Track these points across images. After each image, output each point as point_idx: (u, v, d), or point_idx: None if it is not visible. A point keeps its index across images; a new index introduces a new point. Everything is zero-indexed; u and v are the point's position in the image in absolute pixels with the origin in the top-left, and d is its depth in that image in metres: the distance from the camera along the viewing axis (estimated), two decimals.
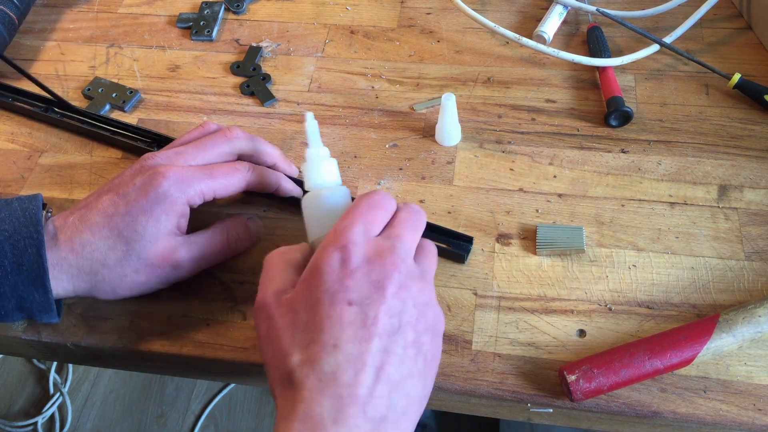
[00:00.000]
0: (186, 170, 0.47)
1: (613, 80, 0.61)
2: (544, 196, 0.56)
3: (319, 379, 0.35)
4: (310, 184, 0.47)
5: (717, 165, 0.57)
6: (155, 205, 0.46)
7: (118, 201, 0.46)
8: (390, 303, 0.38)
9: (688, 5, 0.66)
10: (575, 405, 0.46)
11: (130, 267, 0.46)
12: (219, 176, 0.48)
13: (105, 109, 0.64)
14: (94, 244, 0.45)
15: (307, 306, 0.38)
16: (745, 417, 0.45)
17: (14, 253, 0.43)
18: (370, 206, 0.42)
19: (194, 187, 0.47)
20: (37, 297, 0.44)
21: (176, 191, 0.46)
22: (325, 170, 0.47)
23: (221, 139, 0.51)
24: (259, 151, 0.53)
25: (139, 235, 0.45)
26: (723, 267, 0.51)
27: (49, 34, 0.72)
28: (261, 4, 0.74)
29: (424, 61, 0.67)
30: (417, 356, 0.38)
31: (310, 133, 0.47)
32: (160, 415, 1.39)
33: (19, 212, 0.45)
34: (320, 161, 0.47)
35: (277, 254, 0.43)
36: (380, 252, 0.39)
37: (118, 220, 0.45)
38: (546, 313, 0.50)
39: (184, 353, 0.50)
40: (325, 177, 0.47)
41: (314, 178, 0.47)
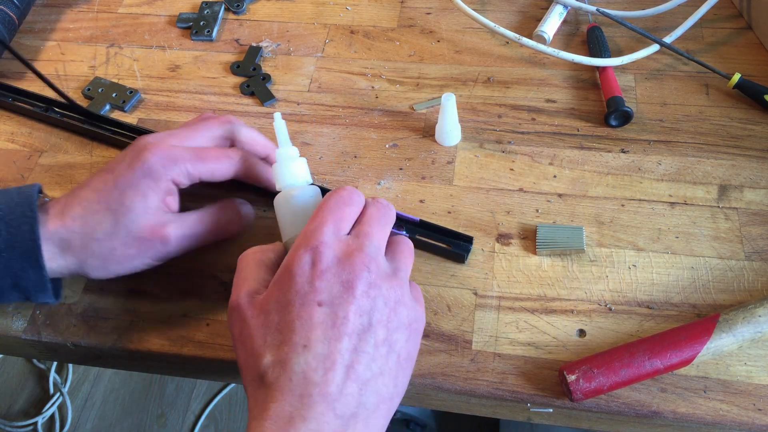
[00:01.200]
0: (173, 148, 0.48)
1: (613, 80, 0.61)
2: (544, 196, 0.56)
3: (289, 378, 0.36)
4: (281, 184, 0.47)
5: (717, 165, 0.57)
6: (141, 180, 0.46)
7: (107, 176, 0.47)
8: (359, 302, 0.38)
9: (688, 5, 0.66)
10: (575, 405, 0.46)
11: (119, 240, 0.46)
12: (208, 159, 0.48)
13: (105, 109, 0.64)
14: (84, 218, 0.46)
15: (278, 307, 0.38)
16: (745, 417, 0.45)
17: (8, 231, 0.44)
18: (339, 203, 0.42)
19: (180, 166, 0.47)
20: (32, 275, 0.45)
21: (161, 167, 0.46)
22: (295, 170, 0.47)
23: (214, 123, 0.51)
24: (253, 141, 0.53)
25: (127, 209, 0.46)
26: (723, 267, 0.51)
27: (49, 34, 0.72)
28: (261, 4, 0.74)
29: (424, 61, 0.67)
30: (389, 354, 0.39)
31: (279, 133, 0.48)
32: (160, 415, 1.39)
33: (14, 194, 0.46)
34: (290, 161, 0.47)
35: (251, 254, 0.43)
36: (349, 252, 0.40)
37: (106, 194, 0.46)
38: (546, 313, 0.50)
39: (184, 353, 0.50)
40: (295, 176, 0.47)
41: (285, 178, 0.47)
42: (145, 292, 0.53)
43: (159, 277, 0.53)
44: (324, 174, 0.59)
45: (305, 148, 0.61)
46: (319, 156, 0.60)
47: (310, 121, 0.63)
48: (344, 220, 0.42)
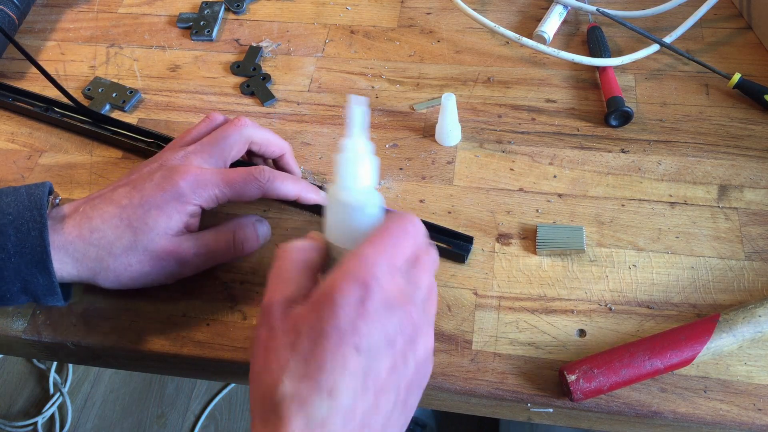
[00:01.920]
0: (203, 173, 0.48)
1: (613, 80, 0.61)
2: (544, 196, 0.56)
3: (306, 423, 0.34)
4: (342, 181, 0.41)
5: (717, 165, 0.57)
6: (169, 202, 0.46)
7: (133, 193, 0.47)
8: (396, 361, 0.36)
9: (688, 5, 0.66)
10: (575, 405, 0.46)
11: (136, 257, 0.46)
12: (236, 183, 0.48)
13: (105, 109, 0.64)
14: (103, 231, 0.46)
15: (312, 333, 0.35)
16: (745, 417, 0.45)
17: (17, 237, 0.44)
18: (401, 234, 0.39)
19: (210, 191, 0.47)
20: (41, 280, 0.45)
21: (192, 192, 0.47)
22: (363, 170, 0.41)
23: (231, 129, 0.51)
24: (269, 141, 0.53)
25: (149, 228, 0.46)
26: (723, 267, 0.51)
27: (49, 34, 0.72)
28: (261, 4, 0.74)
29: (424, 61, 0.67)
30: (401, 414, 0.37)
31: (353, 120, 0.41)
32: (160, 415, 1.39)
33: (24, 197, 0.46)
34: (359, 157, 0.40)
35: (294, 252, 0.40)
36: (400, 299, 0.37)
37: (130, 211, 0.46)
38: (546, 313, 0.50)
39: (184, 353, 0.50)
40: (360, 178, 0.41)
41: (347, 177, 0.40)
42: (145, 292, 0.53)
43: None
44: (324, 174, 0.59)
45: (305, 148, 0.61)
46: (319, 156, 0.60)
47: (310, 121, 0.63)
48: (401, 255, 0.38)
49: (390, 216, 0.40)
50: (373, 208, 0.40)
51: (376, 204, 0.41)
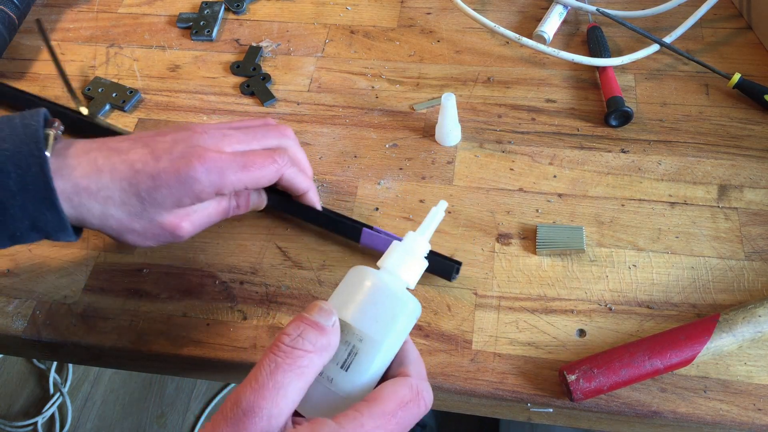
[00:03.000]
0: (222, 159, 0.46)
1: (613, 80, 0.61)
2: (544, 196, 0.56)
3: None
4: (390, 265, 0.39)
5: (717, 165, 0.57)
6: (182, 186, 0.45)
7: (149, 160, 0.45)
8: None
9: (688, 5, 0.66)
10: (575, 405, 0.46)
11: (138, 224, 0.46)
12: (254, 168, 0.47)
13: (105, 109, 0.64)
14: (111, 190, 0.45)
15: None
16: (745, 417, 0.45)
17: (18, 173, 0.42)
18: (408, 414, 0.35)
19: (226, 179, 0.46)
20: (49, 216, 0.43)
21: (207, 180, 0.45)
22: (415, 269, 0.39)
23: (274, 133, 0.50)
24: (300, 163, 0.52)
25: (157, 203, 0.45)
26: (723, 267, 0.51)
27: (49, 33, 0.72)
28: (261, 4, 0.74)
29: (424, 61, 0.67)
30: None
31: (429, 222, 0.40)
32: (160, 415, 1.39)
33: (20, 128, 0.44)
34: (417, 257, 0.39)
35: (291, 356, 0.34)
36: None
37: (141, 179, 0.45)
38: (546, 312, 0.50)
39: (184, 353, 0.50)
40: (409, 275, 0.39)
41: (398, 265, 0.38)
42: (145, 292, 0.53)
43: (159, 277, 0.54)
44: (324, 174, 0.59)
45: (305, 148, 0.61)
46: (319, 156, 0.60)
47: (310, 121, 0.63)
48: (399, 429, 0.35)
49: (406, 378, 0.36)
50: (417, 309, 0.38)
51: (419, 308, 0.38)
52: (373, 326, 0.36)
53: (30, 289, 0.54)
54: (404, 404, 0.35)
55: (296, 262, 0.54)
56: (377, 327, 0.36)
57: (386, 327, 0.36)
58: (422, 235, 0.39)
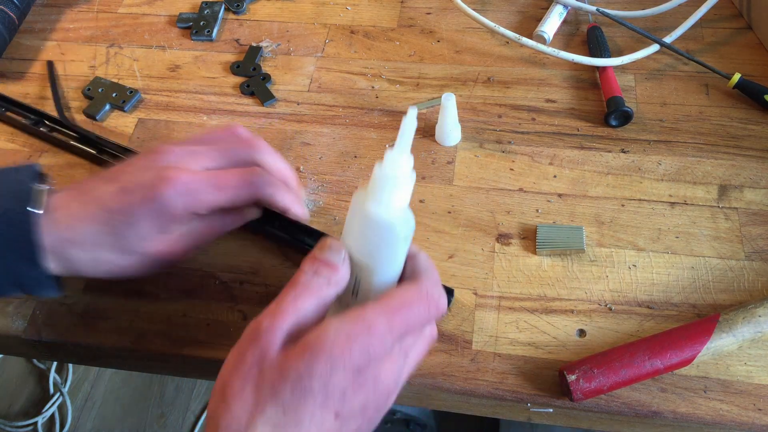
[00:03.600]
0: (194, 179, 0.45)
1: (613, 80, 0.61)
2: (544, 196, 0.56)
3: None
4: (377, 196, 0.38)
5: (717, 165, 0.57)
6: (156, 214, 0.44)
7: (120, 197, 0.45)
8: (361, 425, 0.37)
9: (688, 5, 0.66)
10: (575, 405, 0.46)
11: (130, 260, 0.45)
12: (228, 188, 0.46)
13: (105, 109, 0.64)
14: (93, 236, 0.44)
15: (298, 385, 0.34)
16: (745, 417, 0.45)
17: (7, 230, 0.43)
18: (415, 310, 0.37)
19: (199, 199, 0.45)
20: (33, 274, 0.44)
21: (178, 202, 0.44)
22: (402, 188, 0.38)
23: (244, 147, 0.48)
24: (277, 170, 0.49)
25: (140, 236, 0.44)
26: (723, 267, 0.51)
27: (49, 34, 0.72)
28: (261, 4, 0.74)
29: (424, 61, 0.67)
30: None
31: (407, 132, 0.38)
32: (160, 415, 1.39)
33: (13, 183, 0.44)
34: (400, 174, 0.38)
35: (314, 281, 0.37)
36: (392, 377, 0.37)
37: (115, 217, 0.44)
38: (546, 313, 0.50)
39: (184, 353, 0.50)
40: (397, 197, 0.38)
41: (384, 192, 0.38)
42: (145, 292, 0.53)
43: (159, 277, 0.53)
44: (324, 174, 0.59)
45: (305, 148, 0.61)
46: (319, 156, 0.60)
47: (310, 121, 0.63)
48: (407, 329, 0.37)
49: (416, 282, 0.38)
50: (405, 230, 0.38)
51: (409, 227, 0.39)
52: (368, 255, 0.38)
53: None
54: (409, 303, 0.37)
55: (296, 263, 0.54)
56: (372, 256, 0.39)
57: (379, 254, 0.39)
58: (401, 153, 0.38)
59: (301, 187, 0.52)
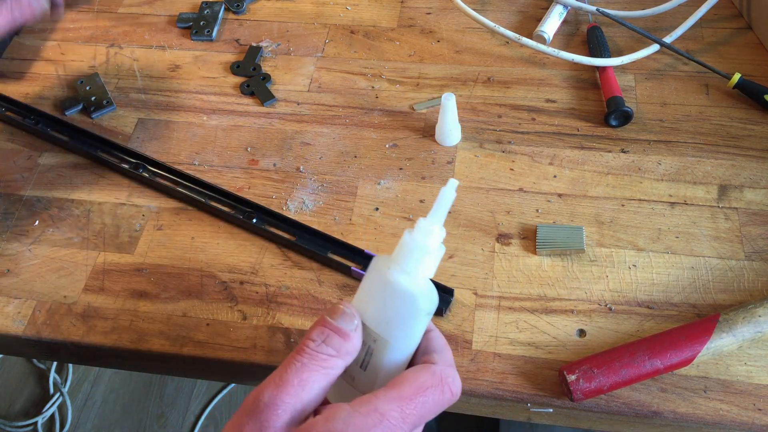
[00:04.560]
0: None
1: (613, 80, 0.61)
2: (544, 196, 0.56)
3: None
4: (402, 263, 0.36)
5: (717, 165, 0.57)
6: None
7: None
8: None
9: (688, 5, 0.66)
10: (575, 405, 0.46)
11: None
12: None
13: (77, 108, 0.64)
14: None
15: None
16: (745, 417, 0.45)
17: None
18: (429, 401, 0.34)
19: None
20: None
21: None
22: (429, 259, 0.36)
23: None
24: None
25: None
26: (723, 267, 0.51)
27: (49, 34, 0.72)
28: (261, 4, 0.74)
29: (424, 61, 0.67)
30: None
31: (440, 204, 0.36)
32: (160, 415, 1.39)
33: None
34: (430, 245, 0.36)
35: (323, 350, 0.34)
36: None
37: None
38: (546, 313, 0.50)
39: (184, 353, 0.50)
40: (423, 267, 0.36)
41: (410, 261, 0.36)
42: (145, 292, 0.53)
43: (159, 277, 0.54)
44: (324, 174, 0.59)
45: (305, 148, 0.61)
46: (319, 156, 0.60)
47: (310, 121, 0.63)
48: (418, 421, 0.34)
49: (429, 365, 0.36)
50: (428, 305, 0.36)
51: (433, 302, 0.36)
52: (385, 327, 0.36)
53: (30, 289, 0.54)
54: (424, 389, 0.34)
55: (296, 262, 0.54)
56: (389, 328, 0.36)
57: (397, 327, 0.36)
58: (434, 223, 0.36)
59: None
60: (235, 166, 0.60)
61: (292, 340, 0.50)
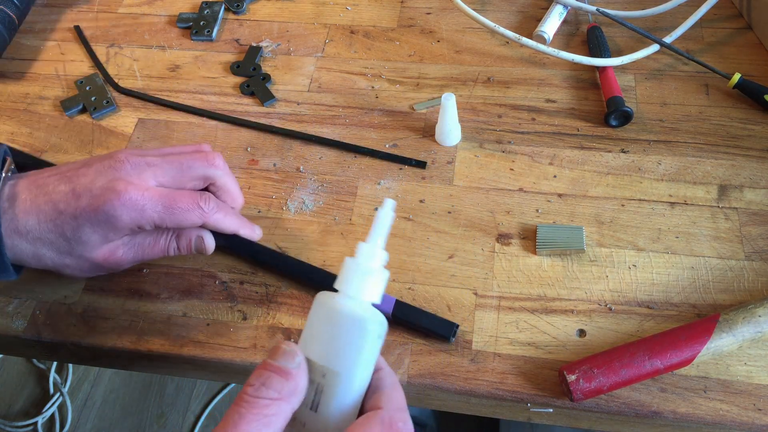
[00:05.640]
0: (144, 195, 0.45)
1: (613, 80, 0.61)
2: (544, 196, 0.56)
3: None
4: (343, 285, 0.36)
5: (717, 165, 0.57)
6: (102, 223, 0.45)
7: (70, 199, 0.45)
8: None
9: (688, 5, 0.66)
10: (575, 405, 0.46)
11: (70, 261, 0.47)
12: (177, 210, 0.46)
13: (77, 108, 0.64)
14: (39, 232, 0.45)
15: None
16: (745, 417, 0.45)
17: None
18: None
19: (147, 216, 0.45)
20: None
21: (126, 216, 0.45)
22: (373, 283, 0.36)
23: (201, 162, 0.48)
24: (227, 193, 0.50)
25: (83, 241, 0.46)
26: (723, 267, 0.51)
27: (49, 34, 0.72)
28: (261, 4, 0.74)
29: (424, 61, 0.67)
30: None
31: (377, 226, 0.36)
32: (160, 415, 1.39)
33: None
34: (372, 268, 0.36)
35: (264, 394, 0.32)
36: None
37: (64, 220, 0.45)
38: (546, 313, 0.50)
39: (184, 353, 0.50)
40: (367, 292, 0.35)
41: (352, 286, 0.35)
42: (145, 292, 0.53)
43: (159, 277, 0.54)
44: (324, 174, 0.59)
45: (305, 148, 0.61)
46: (319, 156, 0.60)
47: (310, 121, 0.63)
48: None
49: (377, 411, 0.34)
50: (378, 329, 0.35)
51: (382, 326, 0.35)
52: (334, 359, 0.34)
53: (30, 289, 0.54)
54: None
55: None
56: (338, 359, 0.34)
57: (346, 355, 0.34)
58: (375, 245, 0.36)
59: (252, 225, 0.52)
60: (235, 166, 0.60)
61: (292, 340, 0.50)
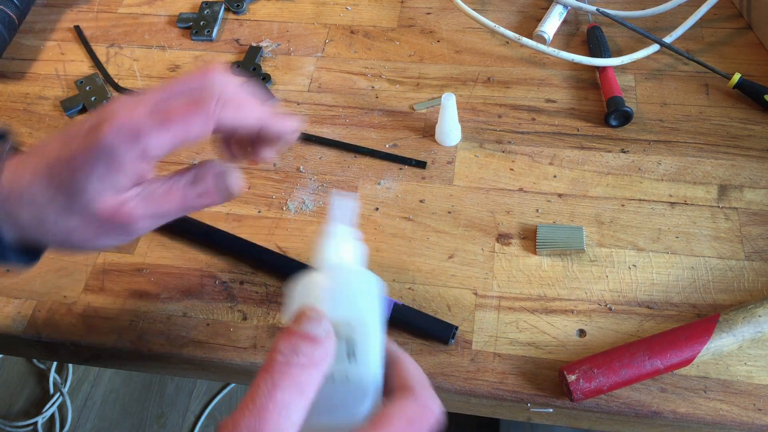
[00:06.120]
0: (133, 118, 0.37)
1: (613, 80, 0.61)
2: (544, 196, 0.56)
3: None
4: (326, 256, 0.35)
5: (717, 165, 0.57)
6: (98, 160, 0.37)
7: (62, 146, 0.38)
8: None
9: (688, 5, 0.66)
10: (575, 405, 0.46)
11: (75, 221, 0.39)
12: (176, 118, 0.37)
13: (77, 108, 0.64)
14: (33, 191, 0.38)
15: None
16: (745, 417, 0.45)
17: None
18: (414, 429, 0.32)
19: (144, 138, 0.37)
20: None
21: (121, 145, 0.37)
22: (347, 248, 0.36)
23: (196, 74, 0.39)
24: (239, 105, 0.39)
25: (82, 189, 0.38)
26: (723, 267, 0.51)
27: (49, 34, 0.72)
28: (261, 4, 0.74)
29: (424, 61, 0.67)
30: None
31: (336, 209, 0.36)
32: (160, 415, 1.39)
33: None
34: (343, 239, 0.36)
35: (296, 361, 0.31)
36: None
37: (58, 169, 0.38)
38: (546, 313, 0.50)
39: (184, 353, 0.50)
40: (345, 255, 0.36)
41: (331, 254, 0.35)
42: (145, 292, 0.53)
43: (159, 277, 0.54)
44: (324, 174, 0.59)
45: (305, 148, 0.61)
46: (319, 156, 0.60)
47: (310, 121, 0.63)
48: None
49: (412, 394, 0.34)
50: (375, 278, 0.35)
51: (376, 278, 0.35)
52: (351, 312, 0.34)
53: (30, 289, 0.54)
54: (412, 421, 0.32)
55: None
56: (356, 311, 0.34)
57: (365, 305, 0.34)
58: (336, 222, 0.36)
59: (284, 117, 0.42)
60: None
61: None
